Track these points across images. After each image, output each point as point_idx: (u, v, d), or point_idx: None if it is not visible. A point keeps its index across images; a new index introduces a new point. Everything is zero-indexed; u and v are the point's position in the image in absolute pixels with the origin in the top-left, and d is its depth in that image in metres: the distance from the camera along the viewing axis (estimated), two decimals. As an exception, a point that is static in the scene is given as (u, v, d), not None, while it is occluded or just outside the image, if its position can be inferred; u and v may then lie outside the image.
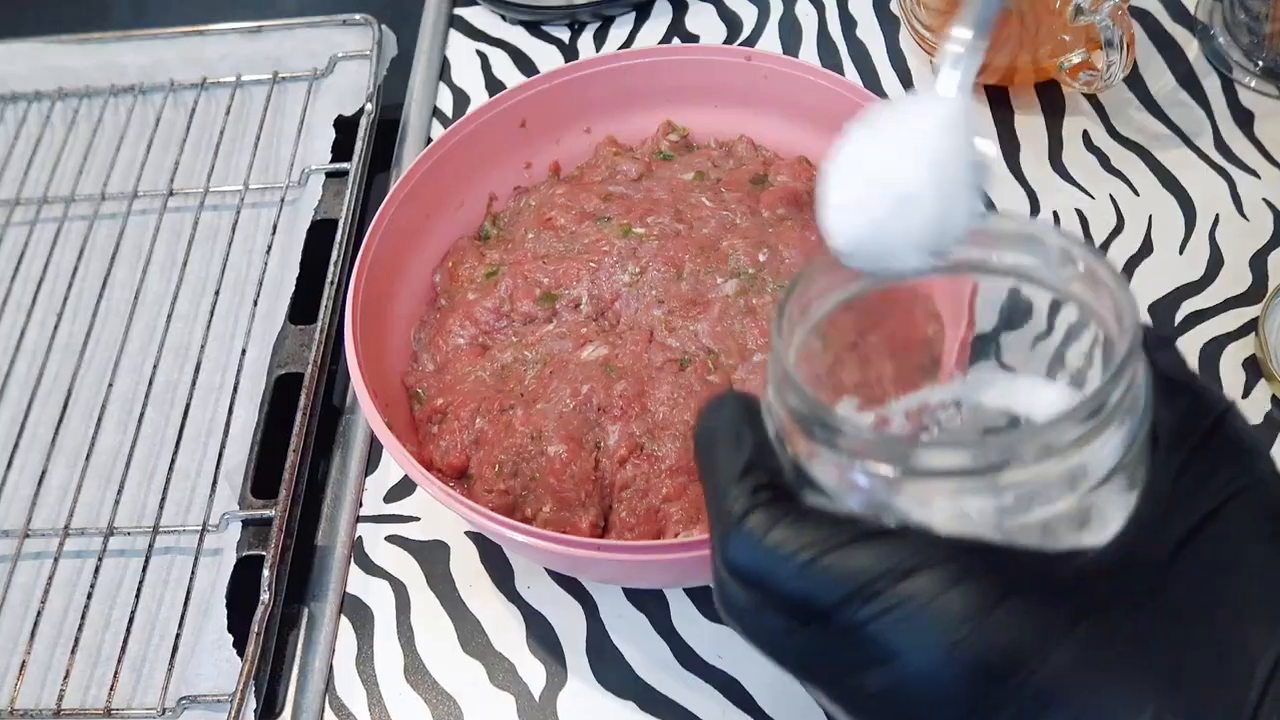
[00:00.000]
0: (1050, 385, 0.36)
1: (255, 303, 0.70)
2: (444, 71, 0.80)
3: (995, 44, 0.67)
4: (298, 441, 0.61)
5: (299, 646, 0.58)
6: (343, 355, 0.57)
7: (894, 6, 0.76)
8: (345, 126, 0.75)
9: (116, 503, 0.63)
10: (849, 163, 0.35)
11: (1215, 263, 0.64)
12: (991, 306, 0.36)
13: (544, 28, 0.81)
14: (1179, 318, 0.62)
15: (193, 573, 0.60)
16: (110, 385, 0.68)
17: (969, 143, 0.35)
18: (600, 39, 0.80)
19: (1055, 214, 0.66)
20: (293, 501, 0.60)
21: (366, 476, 0.63)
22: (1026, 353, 0.37)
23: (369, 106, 0.75)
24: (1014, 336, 0.37)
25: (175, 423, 0.66)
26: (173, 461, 0.64)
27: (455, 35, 0.82)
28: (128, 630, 0.59)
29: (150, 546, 0.61)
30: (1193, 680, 0.29)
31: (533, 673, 0.56)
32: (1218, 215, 0.65)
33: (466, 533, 0.60)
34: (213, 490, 0.63)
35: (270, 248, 0.72)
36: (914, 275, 0.35)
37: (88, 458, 0.65)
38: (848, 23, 0.77)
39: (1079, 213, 0.66)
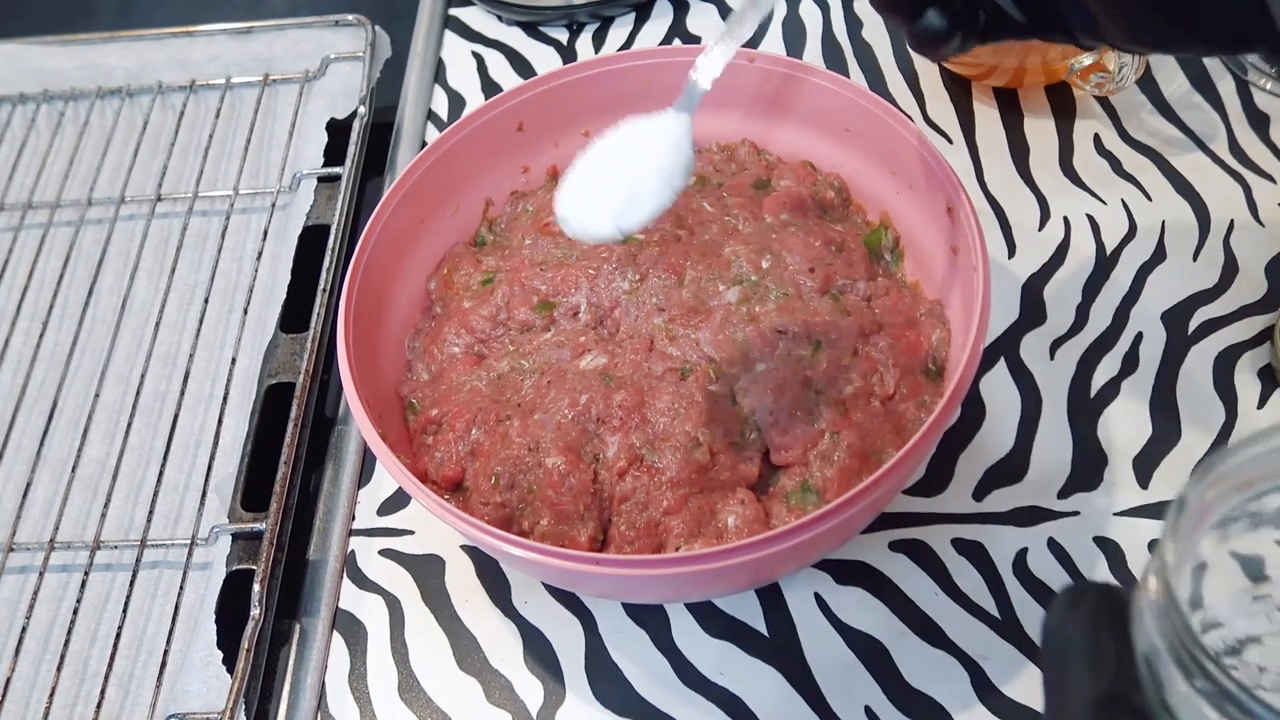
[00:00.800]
0: None
1: (245, 310, 0.69)
2: (439, 73, 0.80)
3: (1004, 45, 0.66)
4: (289, 453, 0.60)
5: (290, 663, 0.57)
6: (335, 364, 0.57)
7: (898, 7, 0.75)
8: (338, 130, 0.74)
9: (103, 515, 0.62)
10: (580, 161, 0.50)
11: (1230, 269, 0.62)
12: None
13: (541, 29, 0.80)
14: (1192, 326, 0.61)
15: (181, 587, 0.59)
16: (97, 395, 0.67)
17: (675, 152, 0.50)
18: (599, 40, 0.79)
19: (1066, 219, 0.65)
20: (284, 514, 0.59)
21: (359, 489, 0.63)
22: None
23: (362, 109, 0.74)
24: None
25: (163, 433, 0.65)
26: (161, 473, 0.63)
27: (450, 36, 0.81)
28: (115, 646, 0.58)
29: (138, 560, 0.61)
30: None
31: (530, 690, 0.55)
32: (1232, 221, 0.64)
33: (462, 546, 0.60)
34: (202, 503, 0.62)
35: (261, 254, 0.71)
36: (609, 242, 0.53)
37: (74, 469, 0.64)
38: (853, 24, 0.76)
39: (1090, 218, 0.65)
